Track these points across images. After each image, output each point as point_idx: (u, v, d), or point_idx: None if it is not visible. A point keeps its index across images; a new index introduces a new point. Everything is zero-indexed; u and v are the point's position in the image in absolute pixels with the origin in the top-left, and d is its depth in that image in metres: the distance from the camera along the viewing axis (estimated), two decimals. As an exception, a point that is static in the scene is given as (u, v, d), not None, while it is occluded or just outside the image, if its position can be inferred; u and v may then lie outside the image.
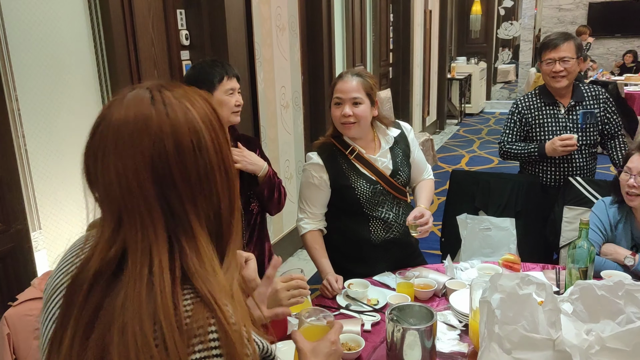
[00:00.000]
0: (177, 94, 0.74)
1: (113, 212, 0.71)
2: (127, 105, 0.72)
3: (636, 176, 1.92)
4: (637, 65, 8.50)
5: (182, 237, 0.71)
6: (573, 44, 2.45)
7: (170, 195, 0.70)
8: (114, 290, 0.69)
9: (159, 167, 0.69)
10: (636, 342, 1.08)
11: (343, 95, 1.90)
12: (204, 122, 0.73)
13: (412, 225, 1.90)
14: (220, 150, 0.75)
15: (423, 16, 7.31)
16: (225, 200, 0.76)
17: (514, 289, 1.18)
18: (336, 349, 1.07)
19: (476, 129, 8.81)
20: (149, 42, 2.46)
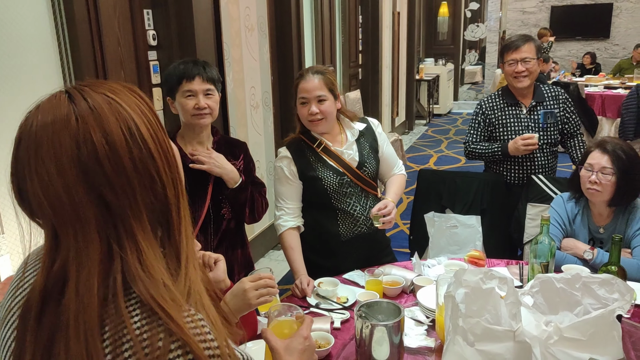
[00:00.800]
0: (97, 87, 0.70)
1: (48, 226, 0.67)
2: (43, 110, 0.68)
3: (597, 172, 1.99)
4: (597, 66, 8.79)
5: (124, 236, 0.67)
6: (533, 45, 2.53)
7: (105, 193, 0.66)
8: (63, 310, 0.65)
9: (88, 164, 0.65)
10: (592, 331, 1.13)
11: (307, 95, 1.96)
12: (133, 109, 0.69)
13: (375, 216, 1.94)
14: (156, 135, 0.70)
15: (391, 18, 7.40)
16: (170, 186, 0.71)
17: (478, 284, 1.22)
18: (310, 344, 1.06)
19: (444, 129, 8.96)
20: (115, 42, 2.43)
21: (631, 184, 1.98)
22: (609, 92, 6.82)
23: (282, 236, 2.02)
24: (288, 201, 2.03)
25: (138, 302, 0.66)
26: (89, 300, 0.64)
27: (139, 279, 0.66)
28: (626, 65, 8.38)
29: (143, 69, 2.63)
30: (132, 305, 0.65)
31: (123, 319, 0.64)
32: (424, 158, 6.91)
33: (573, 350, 1.13)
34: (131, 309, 0.65)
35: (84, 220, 0.65)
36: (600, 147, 2.02)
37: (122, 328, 0.64)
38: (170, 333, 0.64)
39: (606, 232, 2.06)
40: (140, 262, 0.66)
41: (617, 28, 9.69)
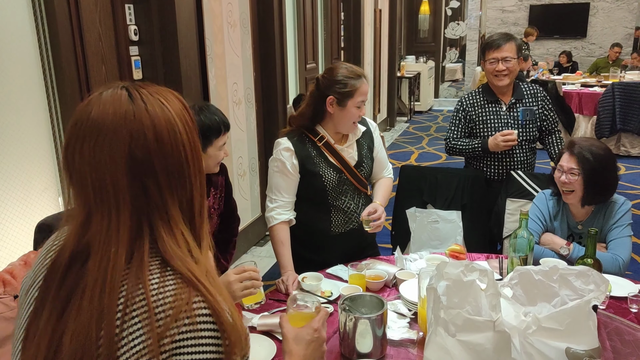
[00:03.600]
0: (153, 91, 0.80)
1: (85, 204, 0.76)
2: (104, 102, 0.76)
3: (566, 173, 2.04)
4: (573, 65, 8.95)
5: (159, 222, 0.76)
6: (514, 44, 2.57)
7: (148, 183, 0.76)
8: (84, 275, 0.74)
9: (138, 157, 0.75)
10: (569, 321, 1.17)
11: (365, 99, 1.99)
12: (179, 117, 0.79)
13: (365, 220, 1.97)
14: (193, 143, 0.81)
15: (373, 15, 7.43)
16: (197, 188, 0.82)
17: (459, 276, 1.25)
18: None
19: (425, 126, 9.04)
20: (97, 37, 2.41)
21: (600, 183, 2.02)
22: (585, 90, 6.95)
23: (273, 229, 2.02)
24: (284, 194, 2.02)
25: (171, 274, 0.74)
26: (112, 270, 0.72)
27: (175, 255, 0.75)
28: (602, 64, 8.55)
29: (124, 64, 2.60)
30: (154, 272, 0.74)
31: (141, 281, 0.72)
32: (405, 155, 6.97)
33: (551, 339, 1.16)
34: (155, 276, 0.74)
35: (121, 204, 0.75)
36: (569, 149, 2.07)
37: (138, 289, 0.72)
38: (198, 293, 0.73)
39: (584, 228, 2.11)
40: (174, 242, 0.76)
41: (594, 27, 9.87)
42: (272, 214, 2.02)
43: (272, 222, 2.02)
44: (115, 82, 0.81)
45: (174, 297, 0.72)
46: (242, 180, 3.86)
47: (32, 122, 2.18)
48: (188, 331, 0.71)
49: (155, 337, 0.70)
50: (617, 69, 7.43)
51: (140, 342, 0.70)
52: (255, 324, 1.58)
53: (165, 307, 0.71)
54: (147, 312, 0.71)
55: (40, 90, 2.21)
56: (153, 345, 0.69)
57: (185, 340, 0.71)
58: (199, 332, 0.71)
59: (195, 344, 0.71)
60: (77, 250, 0.75)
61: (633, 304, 1.68)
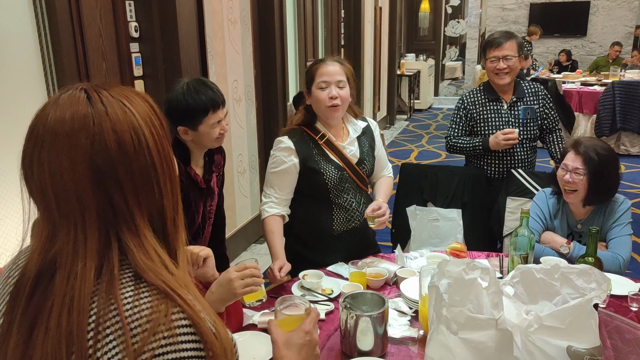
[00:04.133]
0: (114, 93, 0.74)
1: (49, 215, 0.71)
2: (62, 105, 0.71)
3: (571, 172, 2.03)
4: (573, 63, 8.95)
5: (127, 234, 0.72)
6: (515, 42, 2.57)
7: (112, 193, 0.71)
8: (50, 293, 0.69)
9: (100, 165, 0.70)
10: (570, 320, 1.17)
11: (329, 78, 1.93)
12: (144, 119, 0.74)
13: (370, 216, 1.97)
14: (161, 147, 0.75)
15: (373, 13, 7.42)
16: (168, 196, 0.76)
17: (460, 274, 1.25)
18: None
19: (425, 124, 9.03)
20: (97, 34, 2.40)
21: (603, 184, 2.01)
22: (585, 89, 6.95)
23: (265, 221, 2.01)
24: (278, 191, 2.01)
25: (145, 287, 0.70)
26: (80, 286, 0.68)
27: (147, 268, 0.71)
28: (602, 62, 8.55)
29: (125, 61, 2.60)
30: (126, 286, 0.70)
31: (112, 296, 0.68)
32: (405, 153, 6.97)
33: (552, 338, 1.16)
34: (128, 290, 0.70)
35: (87, 216, 0.70)
36: (574, 148, 2.05)
37: (110, 304, 0.68)
38: (175, 304, 0.69)
39: (584, 227, 2.11)
40: (144, 254, 0.72)
41: (594, 26, 9.86)
42: (264, 207, 2.03)
43: (263, 214, 2.02)
44: (74, 84, 0.76)
45: (151, 310, 0.68)
46: (241, 177, 3.85)
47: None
48: (168, 344, 0.67)
49: (131, 354, 0.65)
50: (617, 68, 7.43)
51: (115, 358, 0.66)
52: (256, 322, 1.58)
53: (142, 322, 0.67)
54: (121, 328, 0.66)
55: (40, 86, 2.21)
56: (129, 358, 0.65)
57: (165, 355, 0.67)
58: (179, 345, 0.67)
59: (177, 358, 0.67)
60: (43, 266, 0.71)
61: (633, 303, 1.69)
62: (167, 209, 0.76)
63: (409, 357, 1.45)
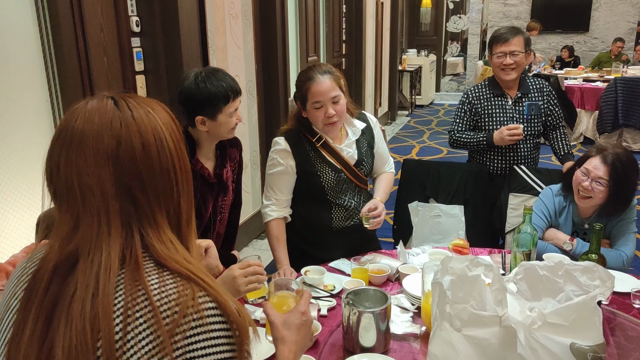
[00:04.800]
0: (139, 100, 0.81)
1: (72, 210, 0.75)
2: (90, 109, 0.77)
3: (593, 180, 1.96)
4: (575, 59, 8.92)
5: (148, 229, 0.76)
6: (522, 38, 2.56)
7: (135, 191, 0.76)
8: (70, 283, 0.73)
9: (124, 162, 0.75)
10: (574, 317, 1.16)
11: (322, 98, 1.90)
12: (165, 125, 0.80)
13: (365, 216, 1.97)
14: (180, 151, 0.81)
15: (375, 8, 7.39)
16: (184, 197, 0.82)
17: (464, 271, 1.24)
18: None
19: (426, 120, 9.01)
20: (98, 28, 2.39)
21: (621, 196, 1.97)
22: (588, 85, 6.93)
23: (268, 225, 2.02)
24: (278, 192, 2.02)
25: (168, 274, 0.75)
26: (105, 273, 0.71)
27: (169, 257, 0.75)
28: (605, 58, 8.52)
29: (126, 55, 2.58)
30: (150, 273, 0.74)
31: (139, 282, 0.72)
32: (406, 149, 6.95)
33: (556, 335, 1.16)
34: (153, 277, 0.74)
35: (111, 211, 0.75)
36: (602, 156, 1.96)
37: (138, 290, 0.72)
38: (200, 288, 0.74)
39: (591, 225, 2.09)
40: (164, 246, 0.77)
41: (597, 22, 9.83)
42: (266, 211, 2.03)
43: (266, 218, 2.03)
44: (101, 92, 0.81)
45: (177, 295, 0.72)
46: (243, 173, 3.84)
47: (33, 113, 2.17)
48: (198, 326, 0.71)
49: (165, 335, 0.69)
50: (619, 64, 7.40)
51: (148, 343, 0.69)
52: (257, 317, 1.58)
53: (171, 305, 0.71)
54: (152, 311, 0.70)
55: (42, 81, 2.20)
56: (165, 343, 0.69)
57: (196, 336, 0.71)
58: (209, 326, 0.72)
59: (207, 338, 0.71)
60: (61, 259, 0.74)
61: (636, 300, 1.68)
62: (183, 209, 0.82)
63: (411, 353, 1.44)
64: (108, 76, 2.47)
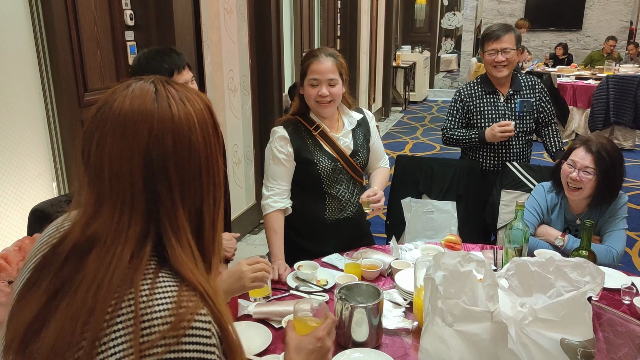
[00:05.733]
0: (179, 90, 0.78)
1: (98, 195, 0.74)
2: (131, 95, 0.75)
3: (580, 170, 1.99)
4: (569, 57, 8.96)
5: (168, 229, 0.74)
6: (513, 35, 2.57)
7: (160, 187, 0.74)
8: (82, 266, 0.72)
9: (154, 159, 0.73)
10: (564, 313, 1.18)
11: (320, 77, 1.94)
12: (200, 123, 0.77)
13: (365, 202, 1.98)
14: (211, 152, 0.79)
15: (370, 4, 7.38)
16: (208, 200, 0.79)
17: (456, 267, 1.25)
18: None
19: (420, 117, 9.03)
20: (92, 22, 2.37)
21: (610, 184, 1.99)
22: (580, 83, 6.96)
23: (268, 217, 2.02)
24: (280, 182, 2.02)
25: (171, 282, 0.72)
26: (114, 269, 0.70)
27: (185, 265, 0.73)
28: (597, 56, 8.57)
29: (120, 49, 2.57)
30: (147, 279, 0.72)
31: (132, 286, 0.70)
32: (399, 145, 6.97)
33: (546, 330, 1.17)
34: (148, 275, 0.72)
35: (136, 203, 0.73)
36: (586, 146, 2.00)
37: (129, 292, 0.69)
38: (206, 303, 0.72)
39: (583, 221, 2.10)
40: (182, 250, 0.74)
41: (589, 20, 9.87)
42: (267, 202, 2.02)
43: (267, 209, 2.02)
44: (146, 76, 0.80)
45: (176, 304, 0.69)
46: (237, 168, 3.84)
47: (26, 106, 2.15)
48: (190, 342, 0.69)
49: (137, 347, 0.66)
50: (611, 62, 7.45)
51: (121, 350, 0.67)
52: (251, 312, 1.58)
53: (163, 314, 0.68)
54: (133, 319, 0.68)
55: (34, 74, 2.18)
56: (135, 355, 0.66)
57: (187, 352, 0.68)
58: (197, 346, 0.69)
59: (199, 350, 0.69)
60: (81, 241, 0.73)
61: (626, 296, 1.70)
62: (206, 213, 0.79)
63: (403, 348, 1.45)
64: (101, 70, 2.46)
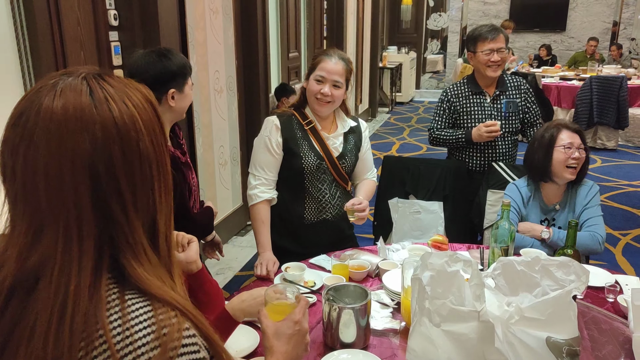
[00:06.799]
0: (117, 88, 0.67)
1: (32, 217, 0.63)
2: (62, 96, 0.63)
3: (578, 149, 2.10)
4: (553, 58, 9.07)
5: (126, 250, 0.66)
6: (503, 36, 2.63)
7: (112, 203, 0.65)
8: (29, 307, 0.62)
9: (101, 172, 0.63)
10: (550, 311, 1.19)
11: (327, 75, 1.96)
12: (145, 124, 0.68)
13: (350, 210, 1.97)
14: (160, 155, 0.70)
15: (356, 5, 7.40)
16: (162, 210, 0.71)
17: (443, 267, 1.26)
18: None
19: (406, 117, 9.07)
20: (75, 22, 2.34)
21: (588, 153, 2.16)
22: (564, 84, 7.04)
23: (254, 208, 2.02)
24: (267, 171, 2.03)
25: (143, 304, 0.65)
26: (74, 304, 0.61)
27: (152, 284, 0.66)
28: (580, 57, 8.67)
29: (104, 50, 2.54)
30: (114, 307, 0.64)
31: (98, 319, 0.62)
32: (386, 145, 6.99)
33: (532, 329, 1.18)
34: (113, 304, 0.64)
35: (84, 226, 0.63)
36: (567, 128, 2.16)
37: (97, 329, 0.61)
38: (186, 317, 0.65)
39: (561, 207, 2.20)
40: (146, 269, 0.67)
41: (573, 21, 9.99)
42: (254, 192, 2.02)
43: (254, 200, 2.02)
44: (73, 69, 0.68)
45: (157, 327, 0.62)
46: (223, 169, 3.82)
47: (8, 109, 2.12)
48: None
49: None
50: (594, 63, 7.54)
51: None
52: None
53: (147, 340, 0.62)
54: (111, 357, 0.60)
55: (16, 75, 2.15)
56: None
57: None
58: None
59: None
60: (20, 277, 0.63)
61: (610, 294, 1.72)
62: (160, 223, 0.71)
63: (390, 348, 1.45)
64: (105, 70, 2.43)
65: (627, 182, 5.36)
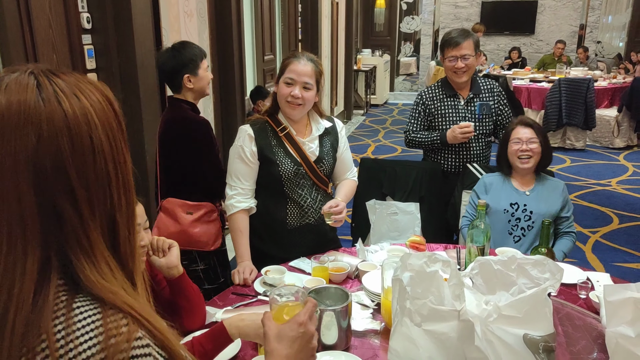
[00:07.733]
0: (69, 82, 0.64)
1: None
2: (6, 91, 0.61)
3: (527, 142, 2.32)
4: (523, 60, 9.27)
5: (78, 251, 0.62)
6: (472, 41, 2.63)
7: (61, 200, 0.61)
8: None
9: (47, 166, 0.60)
10: (527, 309, 1.22)
11: (296, 77, 1.94)
12: (100, 118, 0.64)
13: (326, 213, 1.98)
14: (117, 151, 0.66)
15: (330, 8, 7.43)
16: (121, 210, 0.67)
17: (422, 267, 1.28)
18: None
19: (381, 119, 9.14)
20: (47, 25, 2.30)
21: (548, 147, 2.38)
22: (534, 86, 7.20)
23: (232, 218, 2.00)
24: (243, 181, 2.00)
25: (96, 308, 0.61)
26: (15, 312, 0.58)
27: (105, 287, 0.62)
28: (549, 60, 8.88)
29: (77, 53, 2.50)
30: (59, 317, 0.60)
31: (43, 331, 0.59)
32: (362, 147, 7.03)
33: (510, 326, 1.20)
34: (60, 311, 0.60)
35: (28, 228, 0.60)
36: (522, 123, 2.40)
37: (41, 341, 0.58)
38: (140, 325, 0.61)
39: (532, 193, 2.39)
40: (100, 273, 0.63)
41: (541, 25, 10.24)
42: (231, 202, 2.00)
43: (231, 210, 2.00)
44: (20, 65, 0.65)
45: (105, 336, 0.58)
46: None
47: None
48: None
49: None
50: (563, 65, 7.73)
51: None
52: (219, 319, 1.56)
53: (92, 351, 0.58)
54: None
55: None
56: None
57: None
58: None
59: None
60: None
61: (582, 291, 1.77)
62: (120, 224, 0.67)
63: (372, 349, 1.47)
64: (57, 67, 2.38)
65: (595, 181, 5.51)
